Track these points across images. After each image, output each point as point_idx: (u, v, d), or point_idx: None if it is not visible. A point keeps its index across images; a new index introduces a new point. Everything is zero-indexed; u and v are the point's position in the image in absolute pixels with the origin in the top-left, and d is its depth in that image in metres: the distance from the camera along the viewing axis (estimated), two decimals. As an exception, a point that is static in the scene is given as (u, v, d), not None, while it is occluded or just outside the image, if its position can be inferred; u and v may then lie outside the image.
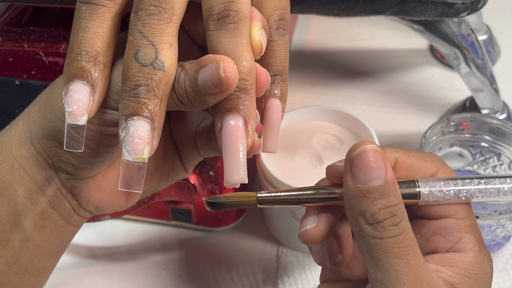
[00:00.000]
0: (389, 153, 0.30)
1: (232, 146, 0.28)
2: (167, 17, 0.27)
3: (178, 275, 0.51)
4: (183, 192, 0.50)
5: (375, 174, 0.27)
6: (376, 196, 0.27)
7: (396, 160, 0.31)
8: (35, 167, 0.32)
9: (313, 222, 0.31)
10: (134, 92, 0.26)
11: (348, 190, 0.28)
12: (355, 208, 0.28)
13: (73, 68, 0.27)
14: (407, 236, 0.27)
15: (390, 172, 0.28)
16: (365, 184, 0.27)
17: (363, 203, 0.27)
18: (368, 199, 0.27)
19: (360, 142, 0.29)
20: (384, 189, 0.27)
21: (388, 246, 0.27)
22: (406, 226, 0.27)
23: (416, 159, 0.31)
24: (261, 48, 0.29)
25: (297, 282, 0.50)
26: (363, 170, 0.27)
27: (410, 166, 0.31)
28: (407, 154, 0.31)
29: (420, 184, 0.30)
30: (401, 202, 0.28)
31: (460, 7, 0.44)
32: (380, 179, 0.27)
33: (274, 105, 0.31)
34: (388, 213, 0.27)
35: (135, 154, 0.27)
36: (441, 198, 0.30)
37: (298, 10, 0.44)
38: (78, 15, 0.28)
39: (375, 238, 0.27)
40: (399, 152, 0.31)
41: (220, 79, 0.27)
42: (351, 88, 0.70)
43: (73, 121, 0.27)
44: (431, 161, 0.31)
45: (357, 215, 0.28)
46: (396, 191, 0.28)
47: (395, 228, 0.27)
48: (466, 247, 0.29)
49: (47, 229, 0.34)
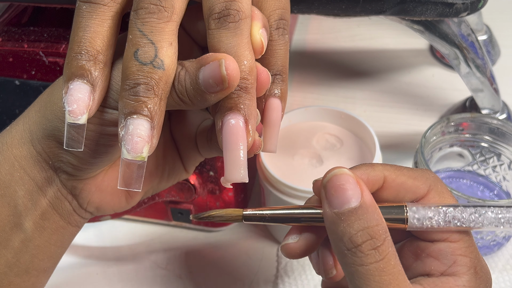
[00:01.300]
0: (378, 171, 0.30)
1: (232, 145, 0.28)
2: (167, 16, 0.27)
3: (178, 275, 0.51)
4: (183, 192, 0.50)
5: (348, 196, 0.27)
6: (353, 219, 0.27)
7: (385, 178, 0.30)
8: (35, 168, 0.32)
9: (295, 237, 0.31)
10: (134, 91, 0.26)
11: (326, 217, 0.28)
12: (334, 234, 0.28)
13: (73, 67, 0.27)
14: (389, 262, 0.27)
15: (366, 194, 0.27)
16: (341, 208, 0.27)
17: (340, 227, 0.27)
18: (345, 222, 0.27)
19: (332, 168, 0.29)
20: (361, 211, 0.27)
21: (369, 275, 0.26)
22: (388, 251, 0.27)
23: (407, 178, 0.30)
24: (262, 47, 0.29)
25: (297, 282, 0.50)
26: (336, 194, 0.27)
27: (400, 185, 0.30)
28: (398, 172, 0.30)
29: (408, 209, 0.29)
30: (381, 224, 0.27)
31: (460, 7, 0.44)
32: (355, 201, 0.27)
33: (274, 105, 0.31)
34: (366, 235, 0.27)
35: (134, 152, 0.27)
36: (430, 225, 0.29)
37: (298, 10, 0.44)
38: (78, 14, 0.28)
39: (355, 265, 0.27)
40: (389, 170, 0.30)
41: (222, 77, 0.27)
42: (351, 88, 0.70)
43: (73, 120, 0.27)
44: (423, 180, 0.30)
45: (337, 241, 0.27)
46: (375, 213, 0.27)
47: (375, 253, 0.26)
48: (460, 270, 0.29)
49: (48, 230, 0.34)
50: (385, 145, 0.60)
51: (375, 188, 0.30)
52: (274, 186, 0.48)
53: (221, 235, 0.55)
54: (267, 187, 0.49)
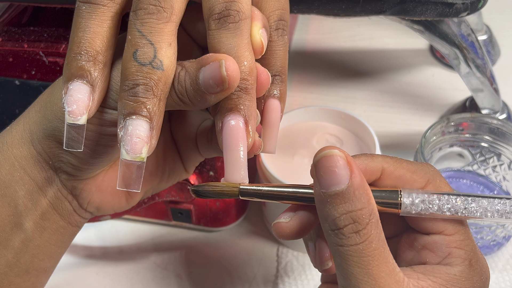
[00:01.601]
0: (376, 162, 0.30)
1: (232, 146, 0.28)
2: (166, 16, 0.27)
3: (178, 275, 0.51)
4: (183, 192, 0.50)
5: (336, 178, 0.27)
6: (338, 201, 0.27)
7: (383, 170, 0.30)
8: (35, 168, 0.32)
9: (287, 217, 0.31)
10: (133, 91, 0.26)
11: (316, 196, 0.28)
12: (320, 213, 0.28)
13: (73, 68, 0.27)
14: (369, 245, 0.27)
15: (356, 176, 0.27)
16: (328, 188, 0.27)
17: (326, 208, 0.27)
18: (330, 204, 0.27)
19: (325, 147, 0.28)
20: (347, 194, 0.27)
21: (348, 255, 0.27)
22: (370, 234, 0.27)
23: (405, 171, 0.30)
24: (262, 48, 0.29)
25: (297, 282, 0.50)
26: (325, 175, 0.27)
27: (398, 177, 0.30)
28: (397, 165, 0.30)
29: (402, 194, 0.29)
30: (366, 207, 0.27)
31: (460, 7, 0.44)
32: (342, 184, 0.27)
33: (273, 106, 0.31)
34: (348, 219, 0.27)
35: (133, 153, 0.27)
36: (423, 210, 0.29)
37: (298, 10, 0.44)
38: (78, 15, 0.28)
39: (337, 245, 0.27)
40: (388, 162, 0.30)
41: (222, 78, 0.27)
42: (351, 88, 0.70)
43: (72, 121, 0.27)
44: (422, 174, 0.30)
45: (323, 220, 0.28)
46: (362, 196, 0.27)
47: (356, 236, 0.27)
48: (454, 262, 0.29)
49: (48, 230, 0.34)
50: (385, 145, 0.60)
51: (373, 179, 0.30)
52: (274, 186, 0.48)
53: (221, 235, 0.55)
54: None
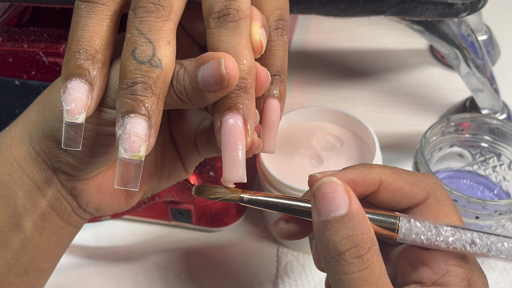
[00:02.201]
0: (374, 174, 0.30)
1: (231, 145, 0.28)
2: (165, 15, 0.27)
3: (178, 275, 0.51)
4: (183, 192, 0.50)
5: (335, 204, 0.27)
6: (338, 226, 0.26)
7: (381, 182, 0.30)
8: (34, 168, 0.32)
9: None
10: (131, 90, 0.26)
11: (315, 225, 0.28)
12: (320, 241, 0.27)
13: (71, 66, 0.27)
14: (372, 272, 0.26)
15: (355, 203, 0.27)
16: (327, 215, 0.27)
17: (326, 235, 0.27)
18: (330, 230, 0.27)
19: (323, 176, 0.28)
20: (347, 219, 0.26)
21: (352, 284, 0.26)
22: (372, 261, 0.26)
23: (404, 183, 0.30)
24: (261, 47, 0.29)
25: (297, 282, 0.50)
26: (324, 202, 0.27)
27: (396, 189, 0.30)
28: (396, 177, 0.30)
29: (400, 220, 0.29)
30: (367, 233, 0.27)
31: (460, 7, 0.44)
32: (342, 209, 0.27)
33: (273, 105, 0.31)
34: (350, 243, 0.26)
35: (131, 151, 0.27)
36: (418, 241, 0.28)
37: (298, 10, 0.44)
38: (77, 13, 0.28)
39: (339, 274, 0.26)
40: (386, 173, 0.30)
41: (221, 76, 0.27)
42: (351, 88, 0.70)
43: (71, 119, 0.27)
44: (422, 186, 0.30)
45: (323, 248, 0.27)
46: (362, 222, 0.27)
47: (359, 262, 0.26)
48: (452, 281, 0.28)
49: (47, 231, 0.34)
50: (385, 145, 0.60)
51: (370, 191, 0.30)
52: (274, 186, 0.48)
53: (221, 235, 0.55)
54: (267, 187, 0.49)
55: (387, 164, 0.58)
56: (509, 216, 0.44)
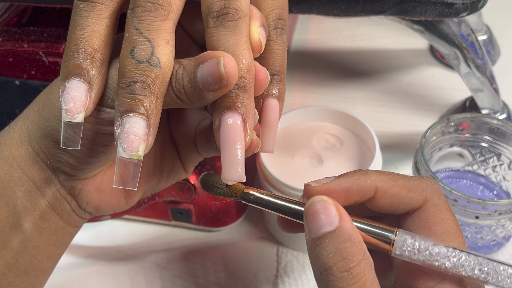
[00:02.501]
0: (369, 181, 0.29)
1: (230, 144, 0.28)
2: (164, 14, 0.27)
3: (178, 275, 0.51)
4: (183, 192, 0.50)
5: (324, 221, 0.27)
6: (327, 241, 0.26)
7: (376, 189, 0.29)
8: (33, 168, 0.32)
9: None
10: (130, 89, 0.26)
11: (307, 243, 0.28)
12: (311, 258, 0.27)
13: (70, 66, 0.27)
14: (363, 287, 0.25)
15: (345, 219, 0.27)
16: (317, 232, 0.27)
17: (316, 251, 0.27)
18: (319, 245, 0.27)
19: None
20: (337, 234, 0.26)
21: None
22: (362, 275, 0.26)
23: (401, 189, 0.29)
24: (260, 46, 0.29)
25: (297, 282, 0.50)
26: (313, 220, 0.27)
27: (393, 196, 0.29)
28: (392, 183, 0.29)
29: (397, 237, 0.28)
30: (357, 246, 0.26)
31: (460, 7, 0.44)
32: (331, 225, 0.27)
33: (272, 105, 0.31)
34: (338, 257, 0.26)
35: (130, 151, 0.26)
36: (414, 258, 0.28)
37: (298, 10, 0.44)
38: (76, 13, 0.28)
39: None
40: (382, 180, 0.29)
41: (220, 75, 0.27)
42: (351, 88, 0.70)
43: (70, 119, 0.27)
44: (419, 191, 0.29)
45: (313, 265, 0.27)
46: (351, 236, 0.26)
47: (347, 276, 0.25)
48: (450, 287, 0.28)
49: (47, 230, 0.34)
50: (385, 145, 0.60)
51: (366, 198, 0.30)
52: (274, 186, 0.48)
53: (221, 235, 0.55)
54: (267, 187, 0.49)
55: (387, 164, 0.58)
56: (509, 216, 0.44)
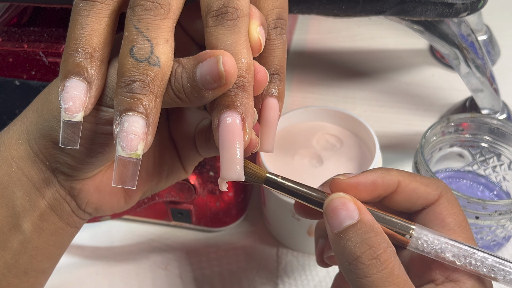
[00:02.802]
0: (393, 176, 0.31)
1: (229, 143, 0.28)
2: (163, 13, 0.27)
3: (178, 275, 0.51)
4: (183, 192, 0.50)
5: (346, 214, 0.28)
6: (351, 233, 0.28)
7: (399, 183, 0.31)
8: (32, 169, 0.32)
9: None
10: (129, 88, 0.26)
11: (330, 239, 0.29)
12: (336, 252, 0.29)
13: (69, 65, 0.27)
14: (392, 272, 0.27)
15: (364, 213, 0.28)
16: (339, 227, 0.28)
17: (341, 243, 0.28)
18: (344, 238, 0.28)
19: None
20: (359, 225, 0.28)
21: (374, 286, 0.27)
22: (390, 260, 0.27)
23: (419, 184, 0.31)
24: (260, 45, 0.29)
25: (297, 282, 0.50)
26: (334, 216, 0.29)
27: (413, 190, 0.31)
28: (411, 178, 0.31)
29: (414, 230, 0.30)
30: (380, 235, 0.28)
31: (460, 7, 0.44)
32: (351, 219, 0.28)
33: (271, 104, 0.31)
34: (364, 246, 0.27)
35: (129, 150, 0.26)
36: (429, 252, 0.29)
37: (298, 10, 0.44)
38: (76, 12, 0.28)
39: (359, 278, 0.27)
40: (403, 175, 0.31)
41: (219, 73, 0.27)
42: (351, 88, 0.70)
43: (69, 118, 0.27)
44: (435, 187, 0.31)
45: (340, 257, 0.28)
46: (373, 227, 0.28)
47: (376, 262, 0.27)
48: (464, 275, 0.29)
49: (46, 231, 0.34)
50: (385, 145, 0.60)
51: (389, 192, 0.31)
52: (274, 186, 0.48)
53: (221, 235, 0.55)
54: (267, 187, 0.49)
55: (387, 164, 0.58)
56: (509, 216, 0.44)
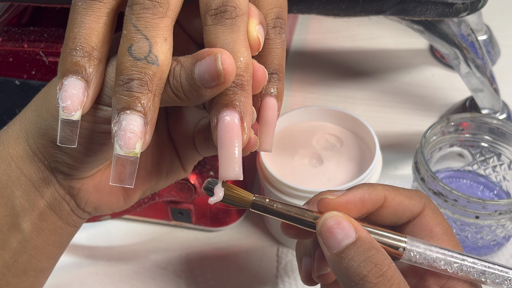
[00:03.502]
0: (379, 191, 0.31)
1: (227, 142, 0.28)
2: (162, 12, 0.27)
3: (178, 275, 0.51)
4: (183, 192, 0.50)
5: (343, 234, 0.28)
6: (353, 252, 0.27)
7: (385, 197, 0.31)
8: (31, 168, 0.32)
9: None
10: (127, 86, 0.26)
11: (329, 260, 0.29)
12: (339, 273, 0.28)
13: (67, 63, 0.27)
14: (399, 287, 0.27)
15: (360, 229, 0.28)
16: (338, 247, 0.28)
17: (343, 264, 0.28)
18: (345, 258, 0.27)
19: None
20: (359, 243, 0.28)
21: None
22: (396, 276, 0.27)
23: (404, 197, 0.31)
24: (259, 44, 0.29)
25: (297, 282, 0.50)
26: (331, 236, 0.28)
27: (398, 204, 0.31)
28: (396, 192, 0.31)
29: (407, 242, 0.30)
30: (381, 251, 0.28)
31: (460, 7, 0.44)
32: (349, 237, 0.28)
33: (270, 104, 0.31)
34: (369, 264, 0.27)
35: (127, 148, 0.26)
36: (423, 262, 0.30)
37: (298, 10, 0.44)
38: (74, 11, 0.28)
39: None
40: (388, 190, 0.31)
41: (217, 72, 0.26)
42: (351, 88, 0.70)
43: (66, 116, 0.27)
44: (418, 199, 0.31)
45: (343, 279, 0.28)
46: (372, 243, 0.28)
47: (383, 279, 0.27)
48: (458, 283, 0.30)
49: (46, 231, 0.34)
50: (385, 145, 0.60)
51: (377, 207, 0.31)
52: (274, 186, 0.48)
53: (221, 235, 0.55)
54: (267, 187, 0.49)
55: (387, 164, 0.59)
56: (509, 216, 0.44)
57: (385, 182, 0.56)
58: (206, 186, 0.31)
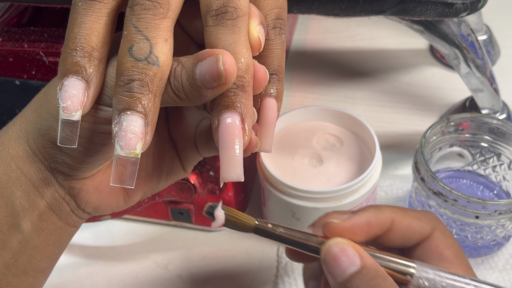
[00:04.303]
0: (386, 213, 0.31)
1: (228, 144, 0.28)
2: (163, 12, 0.27)
3: (178, 275, 0.51)
4: (183, 192, 0.50)
5: (348, 262, 0.28)
6: (358, 281, 0.27)
7: (393, 220, 0.31)
8: (31, 168, 0.32)
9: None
10: (128, 87, 0.26)
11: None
12: None
13: (68, 64, 0.27)
14: None
15: (365, 256, 0.28)
16: (343, 275, 0.27)
17: None
18: (351, 287, 0.27)
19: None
20: (365, 271, 0.27)
21: None
22: None
23: (412, 219, 0.31)
24: (260, 44, 0.29)
25: (297, 282, 0.50)
26: (336, 264, 0.28)
27: (406, 226, 0.31)
28: (404, 214, 0.31)
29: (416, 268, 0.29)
30: (387, 279, 0.27)
31: (460, 7, 0.44)
32: (354, 265, 0.27)
33: (270, 104, 0.31)
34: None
35: (127, 149, 0.26)
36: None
37: (298, 10, 0.44)
38: (74, 11, 0.28)
39: None
40: (395, 212, 0.31)
41: (219, 72, 0.26)
42: (351, 88, 0.70)
43: (67, 116, 0.27)
44: (427, 221, 0.31)
45: None
46: (378, 271, 0.27)
47: None
48: None
49: (46, 231, 0.34)
50: (385, 145, 0.60)
51: (384, 230, 0.31)
52: (274, 186, 0.48)
53: (221, 235, 0.55)
54: (267, 187, 0.49)
55: (387, 164, 0.59)
56: (509, 216, 0.44)
57: (385, 182, 0.56)
58: (207, 210, 0.31)
